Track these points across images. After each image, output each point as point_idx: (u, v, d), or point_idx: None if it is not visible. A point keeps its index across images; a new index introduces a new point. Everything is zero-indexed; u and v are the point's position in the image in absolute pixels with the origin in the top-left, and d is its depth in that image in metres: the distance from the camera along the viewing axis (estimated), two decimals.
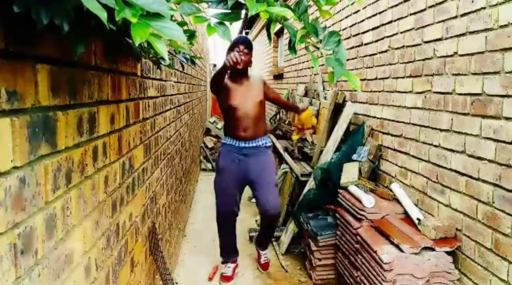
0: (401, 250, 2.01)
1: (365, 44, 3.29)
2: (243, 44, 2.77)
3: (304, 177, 3.45)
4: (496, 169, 1.76)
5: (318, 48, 1.17)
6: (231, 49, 2.76)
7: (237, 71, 2.82)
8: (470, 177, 1.94)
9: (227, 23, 1.07)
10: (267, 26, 1.15)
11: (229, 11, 1.05)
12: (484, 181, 1.84)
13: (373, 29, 3.13)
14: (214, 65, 13.90)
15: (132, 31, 0.64)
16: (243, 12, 1.08)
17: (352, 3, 3.58)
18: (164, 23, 0.68)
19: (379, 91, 3.00)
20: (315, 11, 4.92)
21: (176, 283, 2.86)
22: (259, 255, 3.17)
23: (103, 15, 0.59)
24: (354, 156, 3.04)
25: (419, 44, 2.42)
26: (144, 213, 1.83)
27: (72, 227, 0.96)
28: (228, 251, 3.08)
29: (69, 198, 0.93)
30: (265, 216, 2.85)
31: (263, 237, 3.09)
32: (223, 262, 3.09)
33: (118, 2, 0.63)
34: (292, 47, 1.17)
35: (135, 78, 1.62)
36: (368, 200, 2.43)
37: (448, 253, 2.01)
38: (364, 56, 3.30)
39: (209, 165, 6.85)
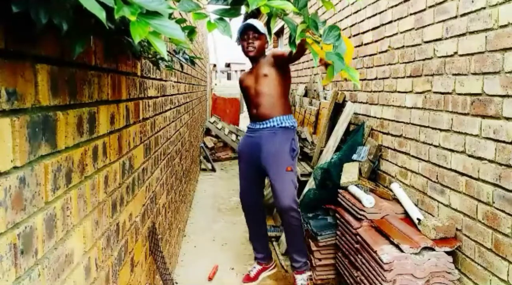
0: (401, 250, 2.01)
1: (365, 44, 3.29)
2: (250, 29, 2.65)
3: (304, 177, 3.45)
4: (496, 169, 1.76)
5: (318, 43, 1.16)
6: (241, 39, 2.70)
7: (253, 58, 2.74)
8: (470, 177, 1.94)
9: (227, 19, 1.07)
10: (268, 22, 1.15)
11: (229, 7, 1.05)
12: (484, 181, 1.84)
13: (373, 29, 3.13)
14: (214, 65, 13.88)
15: (131, 30, 0.64)
16: (243, 8, 1.08)
17: (353, 3, 3.58)
18: (162, 22, 0.68)
19: (379, 91, 3.00)
20: (314, 4, 4.92)
21: (176, 283, 2.86)
22: (294, 280, 2.74)
23: (101, 14, 0.59)
24: (354, 156, 3.04)
25: (419, 44, 2.42)
26: (144, 213, 1.83)
27: (72, 227, 0.96)
28: (254, 245, 2.99)
29: (69, 198, 0.93)
30: (278, 209, 2.66)
31: (288, 246, 2.78)
32: (255, 258, 3.02)
33: (116, 1, 0.63)
34: (292, 42, 1.17)
35: (135, 78, 1.62)
36: (368, 200, 2.43)
37: (448, 253, 2.01)
38: (364, 56, 3.30)
39: (209, 165, 6.85)
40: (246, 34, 2.67)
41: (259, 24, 2.67)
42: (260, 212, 2.95)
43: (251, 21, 2.69)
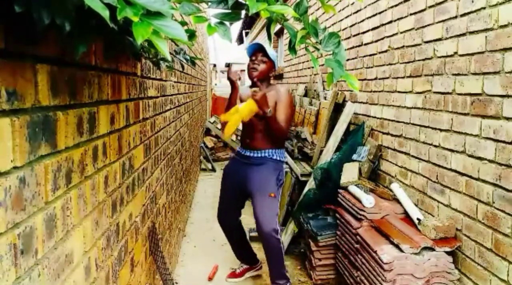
0: (401, 250, 2.01)
1: (365, 44, 3.29)
2: (260, 51, 2.60)
3: (304, 177, 3.44)
4: (496, 169, 1.76)
5: (318, 49, 1.17)
6: (249, 58, 2.65)
7: (254, 82, 2.63)
8: (470, 177, 1.94)
9: (227, 23, 1.07)
10: (268, 26, 1.16)
11: (229, 11, 1.06)
12: (484, 181, 1.84)
13: (373, 29, 3.13)
14: (214, 65, 13.86)
15: (134, 30, 0.64)
16: (243, 12, 1.08)
17: (353, 3, 3.58)
18: (165, 22, 0.68)
19: (379, 91, 3.00)
20: (315, 11, 4.92)
21: (176, 283, 2.86)
22: None
23: (105, 14, 0.59)
24: (354, 156, 3.04)
25: (419, 44, 2.42)
26: (144, 213, 1.83)
27: (72, 227, 0.95)
28: (238, 256, 3.05)
29: (69, 198, 0.93)
30: (258, 233, 2.64)
31: (269, 267, 2.70)
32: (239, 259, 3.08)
33: (119, 1, 0.63)
34: (292, 48, 1.17)
35: (135, 78, 1.62)
36: (368, 200, 2.43)
37: (448, 253, 2.01)
38: (364, 56, 3.30)
39: (209, 165, 6.85)
40: (255, 54, 2.62)
41: (270, 49, 2.61)
42: (239, 231, 2.95)
43: (263, 43, 2.63)
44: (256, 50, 2.62)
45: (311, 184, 3.27)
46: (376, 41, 3.06)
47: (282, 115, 2.57)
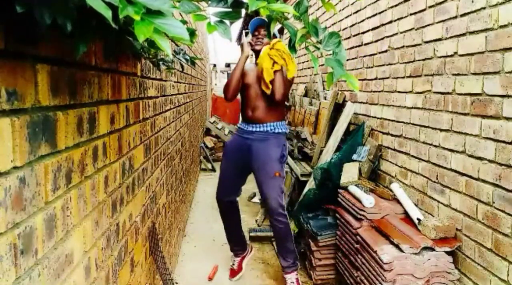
0: (401, 250, 2.01)
1: (365, 44, 3.29)
2: (263, 26, 2.68)
3: (304, 177, 3.44)
4: (496, 169, 1.76)
5: (318, 48, 1.17)
6: (252, 33, 2.73)
7: (258, 52, 2.72)
8: (470, 177, 1.94)
9: (227, 21, 1.07)
10: (268, 25, 1.15)
11: (229, 9, 1.05)
12: (484, 181, 1.84)
13: (373, 29, 3.13)
14: (214, 65, 13.86)
15: (136, 29, 0.64)
16: (243, 11, 1.08)
17: (353, 3, 3.58)
18: (167, 21, 0.68)
19: (379, 91, 3.00)
20: (315, 11, 4.92)
21: (176, 283, 2.86)
22: (285, 282, 2.77)
23: (108, 14, 0.59)
24: (354, 156, 3.04)
25: (419, 44, 2.42)
26: (144, 213, 1.83)
27: (72, 227, 0.95)
28: (231, 240, 3.07)
29: (69, 198, 0.93)
30: (267, 212, 2.71)
31: (277, 246, 2.80)
32: (232, 250, 3.10)
33: (121, 0, 0.62)
34: (292, 47, 1.17)
35: (135, 78, 1.62)
36: (368, 200, 2.43)
37: (448, 253, 2.01)
38: (364, 56, 3.30)
39: (209, 165, 6.85)
40: (258, 30, 2.72)
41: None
42: (236, 210, 3.01)
43: (261, 18, 2.69)
44: (258, 26, 2.72)
45: (311, 184, 3.27)
46: (376, 41, 3.06)
47: (286, 80, 2.69)
